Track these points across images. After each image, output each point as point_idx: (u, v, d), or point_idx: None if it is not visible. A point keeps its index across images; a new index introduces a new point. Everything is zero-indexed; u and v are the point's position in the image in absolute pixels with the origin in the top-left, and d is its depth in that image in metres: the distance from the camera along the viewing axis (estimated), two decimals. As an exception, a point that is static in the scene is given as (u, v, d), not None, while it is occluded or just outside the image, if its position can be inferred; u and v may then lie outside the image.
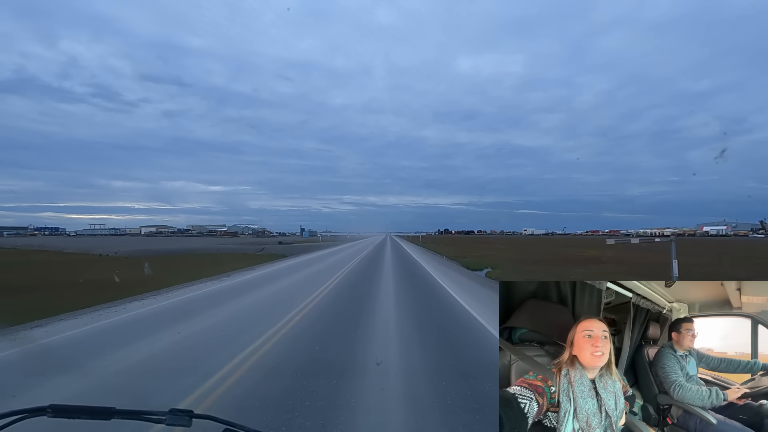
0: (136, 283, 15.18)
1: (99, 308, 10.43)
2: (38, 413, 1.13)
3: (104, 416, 1.16)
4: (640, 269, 24.78)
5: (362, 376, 5.21)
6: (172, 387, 4.84)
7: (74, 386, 4.96)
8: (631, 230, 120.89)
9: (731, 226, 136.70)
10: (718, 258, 34.35)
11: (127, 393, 4.72)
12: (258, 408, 4.24)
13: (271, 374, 5.30)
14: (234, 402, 4.40)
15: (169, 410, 1.19)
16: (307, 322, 8.43)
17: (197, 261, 29.91)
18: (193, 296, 12.57)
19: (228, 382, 4.96)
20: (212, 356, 6.05)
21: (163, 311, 9.99)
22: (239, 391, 4.71)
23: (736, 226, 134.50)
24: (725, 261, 31.55)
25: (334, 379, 5.06)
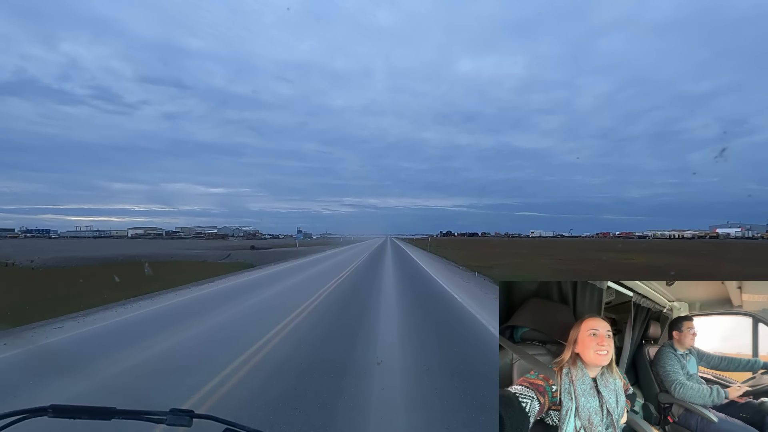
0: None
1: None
2: (39, 413, 1.12)
3: (105, 416, 1.16)
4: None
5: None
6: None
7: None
8: (648, 232, 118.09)
9: (745, 228, 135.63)
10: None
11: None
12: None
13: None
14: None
15: (169, 410, 1.19)
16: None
17: (125, 271, 21.98)
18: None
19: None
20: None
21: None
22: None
23: (750, 228, 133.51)
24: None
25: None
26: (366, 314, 9.44)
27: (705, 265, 27.75)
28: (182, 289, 14.50)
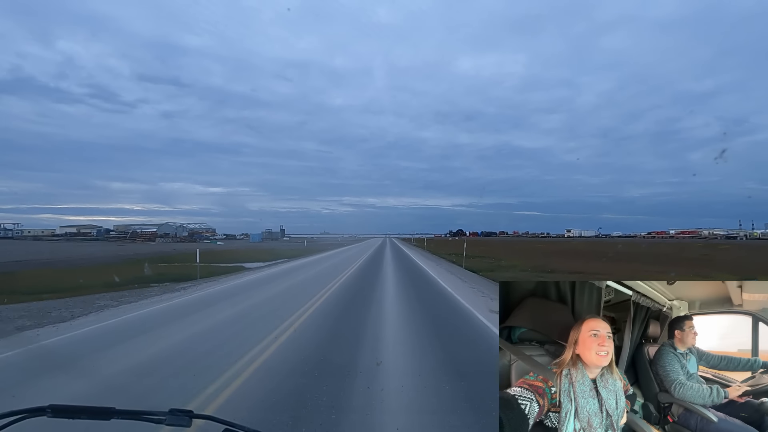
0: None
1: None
2: (38, 413, 1.13)
3: (104, 416, 1.16)
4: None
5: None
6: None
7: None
8: (737, 231, 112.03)
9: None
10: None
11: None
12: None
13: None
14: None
15: (169, 410, 1.19)
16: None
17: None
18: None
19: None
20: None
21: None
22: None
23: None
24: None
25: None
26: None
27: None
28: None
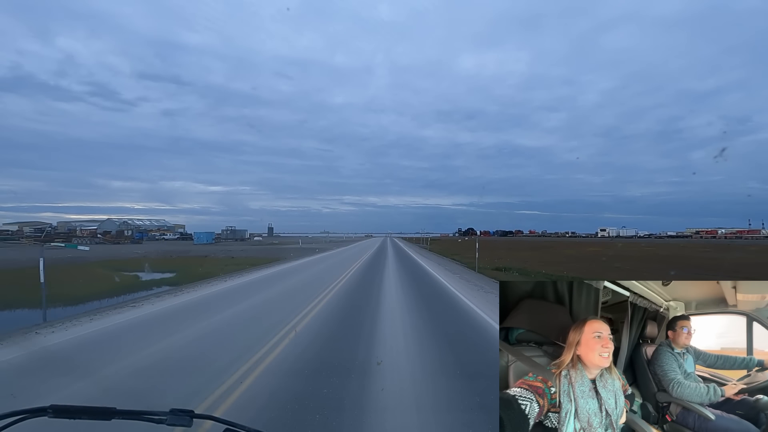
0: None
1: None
2: (38, 413, 1.12)
3: (105, 416, 1.15)
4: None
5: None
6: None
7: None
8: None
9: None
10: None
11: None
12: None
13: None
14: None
15: (169, 410, 1.18)
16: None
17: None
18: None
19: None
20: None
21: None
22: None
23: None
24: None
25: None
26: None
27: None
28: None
